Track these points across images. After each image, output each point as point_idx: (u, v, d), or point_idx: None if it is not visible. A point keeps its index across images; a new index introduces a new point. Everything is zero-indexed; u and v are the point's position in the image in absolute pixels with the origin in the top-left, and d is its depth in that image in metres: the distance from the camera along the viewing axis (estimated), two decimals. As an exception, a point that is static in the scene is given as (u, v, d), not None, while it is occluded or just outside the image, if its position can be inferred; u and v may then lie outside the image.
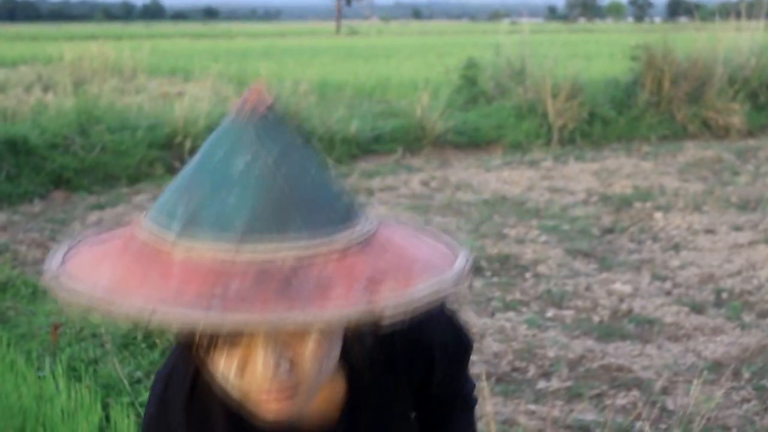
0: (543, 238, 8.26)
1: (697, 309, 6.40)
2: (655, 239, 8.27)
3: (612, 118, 14.48)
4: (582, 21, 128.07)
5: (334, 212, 1.28)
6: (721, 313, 6.34)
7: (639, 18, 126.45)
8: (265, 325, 1.16)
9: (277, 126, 1.31)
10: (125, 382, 4.36)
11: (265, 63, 18.90)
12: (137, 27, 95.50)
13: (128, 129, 11.86)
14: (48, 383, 4.23)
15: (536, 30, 32.26)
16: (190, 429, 1.59)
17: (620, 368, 5.40)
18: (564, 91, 14.03)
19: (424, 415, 1.82)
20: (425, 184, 11.09)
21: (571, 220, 9.01)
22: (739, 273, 7.18)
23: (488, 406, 3.84)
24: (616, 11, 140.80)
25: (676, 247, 7.96)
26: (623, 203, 9.70)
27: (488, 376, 5.11)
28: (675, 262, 7.52)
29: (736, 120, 14.76)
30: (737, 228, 8.52)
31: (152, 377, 4.73)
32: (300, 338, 1.35)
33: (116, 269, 1.27)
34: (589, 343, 5.82)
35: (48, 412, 3.96)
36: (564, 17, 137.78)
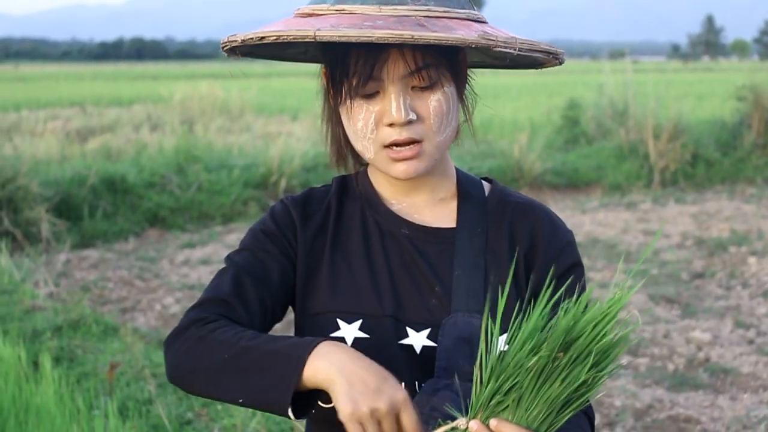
0: (628, 282, 8.01)
1: (777, 359, 6.18)
2: (744, 285, 8.02)
3: (716, 159, 14.15)
4: (705, 59, 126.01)
5: None
6: (803, 365, 6.11)
7: (764, 56, 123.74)
8: (406, 38, 1.54)
9: None
10: (169, 427, 4.37)
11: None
12: (261, 66, 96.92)
13: (225, 168, 12.03)
14: (99, 422, 4.28)
15: (655, 69, 31.80)
16: (326, 215, 1.90)
17: (688, 419, 5.24)
18: (666, 131, 13.78)
19: None
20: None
21: (661, 264, 8.80)
22: (827, 323, 6.92)
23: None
24: (740, 49, 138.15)
25: (766, 294, 7.71)
26: (718, 247, 9.44)
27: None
28: (762, 310, 7.29)
29: None
30: (833, 275, 8.21)
31: (201, 418, 4.75)
32: (424, 97, 1.73)
33: (284, 23, 1.68)
34: (659, 392, 5.66)
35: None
36: (687, 56, 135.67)
